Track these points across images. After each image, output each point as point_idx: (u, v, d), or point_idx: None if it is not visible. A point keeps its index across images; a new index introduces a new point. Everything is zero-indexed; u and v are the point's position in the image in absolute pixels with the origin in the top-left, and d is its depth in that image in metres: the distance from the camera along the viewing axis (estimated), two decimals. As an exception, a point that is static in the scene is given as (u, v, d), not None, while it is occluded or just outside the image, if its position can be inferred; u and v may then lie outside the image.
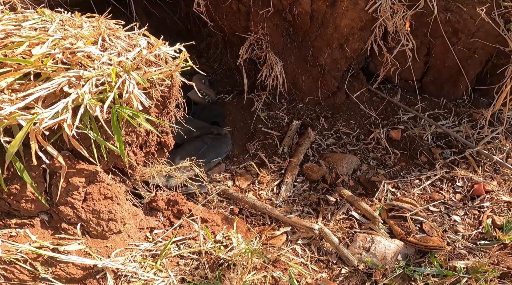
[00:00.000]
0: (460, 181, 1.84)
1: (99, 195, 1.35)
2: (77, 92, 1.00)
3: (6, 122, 0.90)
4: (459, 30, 1.98)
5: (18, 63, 0.97)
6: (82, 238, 1.37)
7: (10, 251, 1.26)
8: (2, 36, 1.07)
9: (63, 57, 1.02)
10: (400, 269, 1.47)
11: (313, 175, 2.05)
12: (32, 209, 1.29)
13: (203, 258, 1.54)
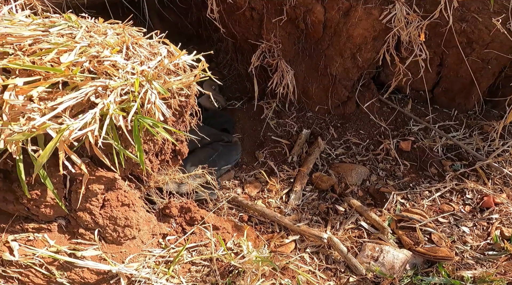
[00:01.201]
0: (470, 193, 1.98)
1: (116, 202, 1.49)
2: (103, 102, 1.15)
3: (36, 132, 1.03)
4: (474, 41, 2.13)
5: (47, 71, 1.11)
6: (98, 243, 1.51)
7: (27, 255, 1.40)
8: (30, 42, 1.21)
9: (90, 66, 1.17)
10: (408, 278, 1.61)
11: (322, 185, 2.20)
12: (51, 214, 1.42)
13: (214, 265, 1.68)
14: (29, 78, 1.05)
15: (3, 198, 1.37)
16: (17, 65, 1.03)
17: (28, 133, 0.98)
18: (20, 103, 0.99)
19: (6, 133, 0.99)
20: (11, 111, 1.01)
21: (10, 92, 1.00)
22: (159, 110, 1.27)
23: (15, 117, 1.03)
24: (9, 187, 1.37)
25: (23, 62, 1.08)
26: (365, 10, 2.12)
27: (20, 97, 1.05)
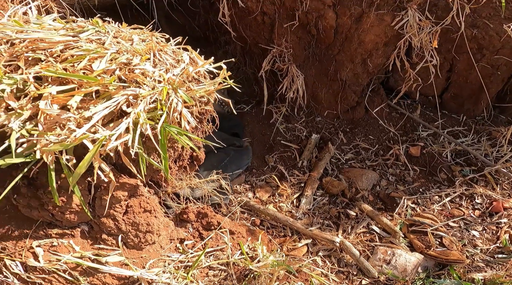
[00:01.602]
0: (479, 198, 2.06)
1: (139, 208, 1.56)
2: (134, 112, 1.21)
3: (74, 143, 1.09)
4: (484, 47, 2.22)
5: (80, 79, 1.17)
6: (119, 249, 1.57)
7: (51, 261, 1.46)
8: (61, 47, 1.27)
9: (121, 74, 1.23)
10: (420, 280, 1.69)
11: (333, 189, 2.27)
12: (75, 220, 1.49)
13: (231, 269, 1.75)
14: (64, 87, 1.11)
15: (28, 204, 1.43)
16: (52, 73, 1.09)
17: (66, 144, 1.05)
18: (56, 113, 1.06)
19: (42, 143, 1.06)
20: (46, 120, 1.08)
21: (46, 101, 1.06)
22: (185, 119, 1.34)
23: (51, 127, 1.09)
24: (34, 193, 1.43)
25: (56, 69, 1.14)
26: (377, 16, 2.20)
27: (55, 106, 1.11)
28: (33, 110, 1.06)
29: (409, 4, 2.15)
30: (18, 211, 1.49)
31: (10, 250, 1.43)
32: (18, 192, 1.45)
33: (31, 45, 1.20)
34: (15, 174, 1.44)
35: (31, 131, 1.03)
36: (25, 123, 1.07)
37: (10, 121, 1.02)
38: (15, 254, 1.43)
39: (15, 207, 1.49)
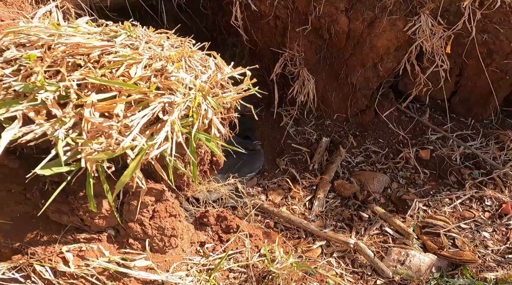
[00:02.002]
0: (489, 200, 2.17)
1: (165, 213, 1.64)
2: (170, 119, 1.29)
3: (119, 152, 1.16)
4: (494, 52, 2.33)
5: (120, 86, 1.24)
6: (144, 253, 1.64)
7: (80, 266, 1.53)
8: (98, 53, 1.33)
9: (158, 81, 1.30)
10: (434, 280, 1.79)
11: (344, 192, 2.37)
12: (103, 225, 1.55)
13: (250, 271, 1.84)
14: (106, 95, 1.17)
15: (58, 209, 1.50)
16: (97, 80, 1.16)
17: (111, 153, 1.12)
18: (99, 122, 1.13)
19: (87, 152, 1.13)
20: (89, 128, 1.15)
21: (90, 109, 1.13)
22: (215, 126, 1.42)
23: (94, 135, 1.16)
24: (64, 198, 1.50)
25: (96, 76, 1.21)
26: (390, 22, 2.30)
27: (96, 114, 1.18)
28: (76, 118, 1.13)
29: (422, 9, 2.25)
30: (46, 216, 1.56)
31: (40, 255, 1.49)
32: (47, 198, 1.51)
33: (69, 50, 1.26)
34: (44, 179, 1.51)
35: (76, 140, 1.10)
36: (68, 131, 1.14)
37: (55, 129, 1.09)
38: (45, 259, 1.49)
39: (43, 212, 1.56)
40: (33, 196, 1.53)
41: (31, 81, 1.14)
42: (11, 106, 1.09)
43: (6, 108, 1.07)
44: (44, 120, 1.15)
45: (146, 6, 3.02)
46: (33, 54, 1.19)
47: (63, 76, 1.18)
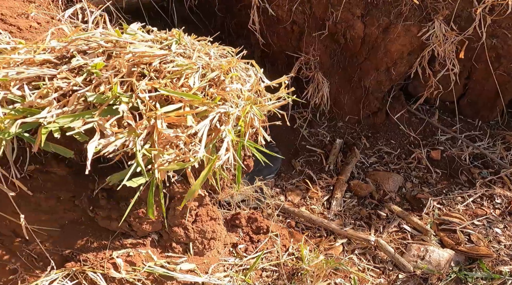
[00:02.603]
0: (498, 198, 2.39)
1: (206, 217, 1.77)
2: (226, 129, 1.42)
3: (190, 163, 1.29)
4: (502, 56, 2.54)
5: (188, 97, 1.35)
6: (185, 256, 1.77)
7: (128, 271, 1.65)
8: (158, 62, 1.43)
9: (215, 92, 1.43)
10: (454, 273, 1.98)
11: (361, 192, 2.55)
12: (149, 230, 1.68)
13: (282, 269, 2.00)
14: (174, 106, 1.30)
15: (108, 215, 1.62)
16: (172, 93, 1.28)
17: (182, 164, 1.25)
18: (169, 133, 1.26)
19: (159, 162, 1.26)
20: (160, 139, 1.28)
21: (161, 120, 1.26)
22: (261, 134, 1.56)
23: (164, 146, 1.29)
24: (114, 205, 1.62)
25: (160, 85, 1.33)
26: (404, 27, 2.48)
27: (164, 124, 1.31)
28: (148, 129, 1.26)
29: (436, 16, 2.44)
30: (94, 222, 1.67)
31: (91, 261, 1.61)
32: (96, 204, 1.63)
33: (134, 59, 1.37)
34: (92, 186, 1.63)
35: (150, 151, 1.23)
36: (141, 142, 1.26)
37: (132, 141, 1.21)
38: (97, 266, 1.60)
39: (91, 219, 1.67)
40: (81, 203, 1.64)
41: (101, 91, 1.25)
42: (85, 117, 1.20)
43: (83, 120, 1.19)
44: (118, 132, 1.25)
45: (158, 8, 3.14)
46: (100, 63, 1.30)
47: (133, 87, 1.29)
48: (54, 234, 1.62)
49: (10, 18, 1.81)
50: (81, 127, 1.17)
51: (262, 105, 1.63)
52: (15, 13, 1.86)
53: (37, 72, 1.20)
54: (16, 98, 1.19)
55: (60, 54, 1.31)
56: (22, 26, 1.78)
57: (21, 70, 1.18)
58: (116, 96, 1.25)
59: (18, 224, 1.58)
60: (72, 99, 1.17)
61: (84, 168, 1.63)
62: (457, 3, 2.43)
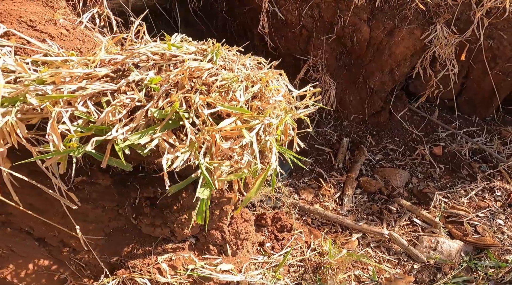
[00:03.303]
0: (498, 191, 2.61)
1: (240, 219, 1.90)
2: (269, 139, 1.54)
3: (247, 173, 1.40)
4: (498, 56, 2.74)
5: (235, 110, 1.46)
6: (220, 257, 1.89)
7: (172, 275, 1.75)
8: (206, 75, 1.51)
9: (260, 105, 1.54)
10: (465, 263, 2.18)
11: (370, 188, 2.72)
12: (189, 234, 1.79)
13: (307, 264, 2.14)
14: (229, 120, 1.40)
15: (151, 223, 1.71)
16: (230, 108, 1.38)
17: (239, 174, 1.36)
18: (227, 146, 1.37)
19: (218, 174, 1.36)
20: (218, 153, 1.38)
21: (219, 134, 1.36)
22: (296, 142, 1.69)
23: (221, 158, 1.40)
24: (158, 213, 1.71)
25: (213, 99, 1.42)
26: (408, 30, 2.65)
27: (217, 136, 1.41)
28: (207, 143, 1.36)
29: (438, 19, 2.61)
30: (137, 229, 1.77)
31: (139, 267, 1.70)
32: (140, 212, 1.72)
33: (183, 73, 1.45)
34: (134, 195, 1.72)
35: (211, 164, 1.33)
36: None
37: (196, 155, 1.31)
38: (144, 272, 1.70)
39: (134, 226, 1.76)
40: (125, 212, 1.73)
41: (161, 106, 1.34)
42: (150, 133, 1.30)
43: (150, 136, 1.28)
44: (181, 146, 1.34)
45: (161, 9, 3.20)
46: (157, 78, 1.39)
47: (190, 102, 1.38)
48: (100, 243, 1.70)
49: (40, 25, 1.81)
50: (151, 143, 1.26)
51: (294, 114, 1.76)
52: (42, 19, 1.87)
53: (100, 87, 1.28)
54: (82, 115, 1.27)
55: (115, 68, 1.39)
56: (54, 34, 1.79)
57: (85, 86, 1.25)
58: (176, 111, 1.34)
59: (66, 234, 1.66)
60: (139, 116, 1.26)
61: (124, 178, 1.73)
62: (457, 7, 2.61)
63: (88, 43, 1.88)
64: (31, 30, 1.79)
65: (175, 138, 1.36)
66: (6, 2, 2.01)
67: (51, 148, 1.14)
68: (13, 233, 1.58)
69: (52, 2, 2.21)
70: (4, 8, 1.94)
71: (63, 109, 1.16)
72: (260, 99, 1.57)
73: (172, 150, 1.31)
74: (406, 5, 2.63)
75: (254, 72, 1.69)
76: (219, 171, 1.37)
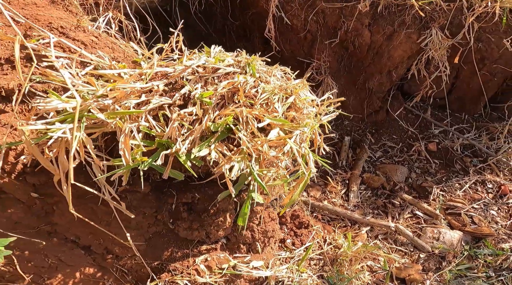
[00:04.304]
0: (490, 183, 2.84)
1: (268, 218, 2.02)
2: (304, 146, 1.66)
3: (290, 179, 1.53)
4: (486, 57, 2.96)
5: (277, 122, 1.57)
6: (249, 255, 2.01)
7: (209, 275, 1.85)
8: (249, 87, 1.61)
9: (296, 115, 1.66)
10: (466, 251, 2.39)
11: (373, 184, 2.89)
12: (222, 235, 1.90)
13: (325, 257, 2.29)
14: (274, 131, 1.51)
15: (189, 226, 1.80)
16: (276, 121, 1.49)
17: (285, 179, 1.48)
18: (273, 155, 1.48)
19: (266, 180, 1.48)
20: (264, 161, 1.49)
21: (266, 144, 1.47)
22: (322, 146, 1.82)
23: (266, 166, 1.51)
24: (195, 217, 1.81)
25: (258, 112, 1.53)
26: (406, 35, 2.82)
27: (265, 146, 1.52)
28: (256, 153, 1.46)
29: (433, 24, 2.80)
30: (174, 233, 1.85)
31: (179, 270, 1.79)
32: (178, 217, 1.81)
33: (230, 86, 1.55)
34: (171, 201, 1.80)
35: (262, 171, 1.44)
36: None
37: (248, 164, 1.41)
38: (184, 274, 1.79)
39: (171, 230, 1.85)
40: (163, 217, 1.81)
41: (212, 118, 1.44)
42: (207, 145, 1.39)
43: (209, 148, 1.37)
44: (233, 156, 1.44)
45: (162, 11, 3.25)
46: (208, 92, 1.48)
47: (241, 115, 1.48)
48: (141, 248, 1.78)
49: (70, 32, 1.80)
50: (211, 155, 1.35)
51: (319, 121, 1.88)
52: (71, 25, 1.87)
53: (159, 101, 1.35)
54: (144, 129, 1.34)
55: (168, 81, 1.46)
56: (86, 41, 1.80)
57: (148, 101, 1.33)
58: (227, 123, 1.44)
59: (110, 241, 1.72)
60: (198, 130, 1.35)
61: (160, 185, 1.81)
62: (451, 12, 2.80)
63: (117, 51, 1.92)
64: (64, 37, 1.80)
65: (226, 149, 1.46)
66: (30, 7, 2.01)
67: (124, 162, 1.22)
68: (59, 242, 1.63)
69: (70, 7, 2.22)
70: (30, 13, 1.95)
71: (133, 125, 1.23)
72: (295, 110, 1.69)
73: (225, 159, 1.41)
74: (405, 10, 2.80)
75: (285, 83, 1.80)
76: (267, 177, 1.48)
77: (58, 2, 2.19)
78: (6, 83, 1.60)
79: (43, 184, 1.59)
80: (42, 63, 1.54)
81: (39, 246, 1.56)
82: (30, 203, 1.57)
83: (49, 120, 1.17)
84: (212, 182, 1.80)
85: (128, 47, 2.07)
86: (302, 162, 1.67)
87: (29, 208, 1.57)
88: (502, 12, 2.80)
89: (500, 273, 2.25)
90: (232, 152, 1.46)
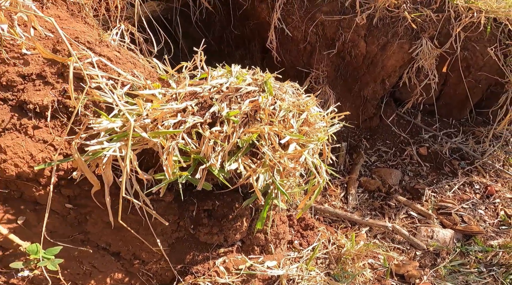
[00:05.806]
0: (477, 184, 3.08)
1: (279, 221, 2.18)
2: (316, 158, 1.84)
3: (305, 187, 1.70)
4: (471, 65, 3.20)
5: (295, 137, 1.74)
6: (261, 255, 2.18)
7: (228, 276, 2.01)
8: (267, 105, 1.77)
9: (308, 130, 1.83)
10: (458, 248, 2.62)
11: (370, 187, 3.10)
12: (238, 238, 2.06)
13: (331, 256, 2.48)
14: (292, 145, 1.68)
15: (209, 231, 1.96)
16: (292, 136, 1.66)
17: (303, 187, 1.65)
18: (292, 166, 1.65)
19: (286, 188, 1.65)
20: (283, 172, 1.66)
21: (286, 157, 1.64)
22: (329, 156, 2.00)
23: (286, 175, 1.68)
24: (215, 222, 1.96)
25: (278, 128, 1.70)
26: (399, 45, 3.03)
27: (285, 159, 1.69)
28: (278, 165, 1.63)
29: (423, 34, 3.02)
30: (194, 238, 2.00)
31: (201, 272, 1.94)
32: (199, 223, 1.96)
33: (253, 105, 1.71)
34: (192, 208, 1.96)
35: (283, 181, 1.61)
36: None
37: (271, 175, 1.58)
38: (206, 275, 1.94)
39: (192, 235, 2.00)
40: (184, 223, 1.96)
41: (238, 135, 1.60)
42: (235, 160, 1.55)
43: (238, 162, 1.54)
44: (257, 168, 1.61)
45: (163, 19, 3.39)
46: (235, 111, 1.64)
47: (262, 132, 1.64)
48: (165, 252, 1.92)
49: (96, 47, 1.89)
50: (240, 168, 1.51)
51: (326, 133, 2.06)
52: (96, 40, 1.96)
53: (193, 121, 1.51)
54: (181, 146, 1.49)
55: (198, 101, 1.61)
56: (111, 56, 1.89)
57: (183, 121, 1.48)
58: (251, 139, 1.60)
59: (138, 247, 1.86)
60: (230, 146, 1.51)
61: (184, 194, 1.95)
62: (440, 23, 3.02)
63: (139, 67, 2.04)
64: (90, 52, 1.90)
65: (250, 162, 1.62)
66: (55, 20, 2.10)
67: (166, 176, 1.36)
68: (92, 250, 1.75)
69: (87, 19, 2.33)
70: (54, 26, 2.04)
71: (173, 144, 1.38)
72: (307, 125, 1.87)
73: (251, 171, 1.58)
74: (398, 22, 3.01)
75: (297, 99, 1.97)
76: (286, 185, 1.66)
77: (76, 14, 2.28)
78: (40, 99, 1.72)
79: (76, 195, 1.71)
80: (84, 82, 1.66)
81: (74, 254, 1.69)
82: (64, 213, 1.69)
83: (100, 140, 1.31)
84: (230, 190, 1.96)
85: (144, 61, 2.20)
86: (315, 172, 1.86)
87: (63, 218, 1.69)
88: (487, 21, 3.05)
89: (491, 269, 2.48)
90: (256, 164, 1.62)
